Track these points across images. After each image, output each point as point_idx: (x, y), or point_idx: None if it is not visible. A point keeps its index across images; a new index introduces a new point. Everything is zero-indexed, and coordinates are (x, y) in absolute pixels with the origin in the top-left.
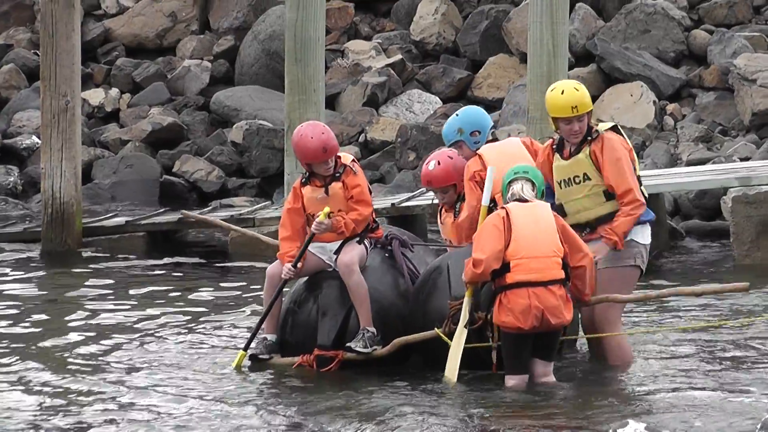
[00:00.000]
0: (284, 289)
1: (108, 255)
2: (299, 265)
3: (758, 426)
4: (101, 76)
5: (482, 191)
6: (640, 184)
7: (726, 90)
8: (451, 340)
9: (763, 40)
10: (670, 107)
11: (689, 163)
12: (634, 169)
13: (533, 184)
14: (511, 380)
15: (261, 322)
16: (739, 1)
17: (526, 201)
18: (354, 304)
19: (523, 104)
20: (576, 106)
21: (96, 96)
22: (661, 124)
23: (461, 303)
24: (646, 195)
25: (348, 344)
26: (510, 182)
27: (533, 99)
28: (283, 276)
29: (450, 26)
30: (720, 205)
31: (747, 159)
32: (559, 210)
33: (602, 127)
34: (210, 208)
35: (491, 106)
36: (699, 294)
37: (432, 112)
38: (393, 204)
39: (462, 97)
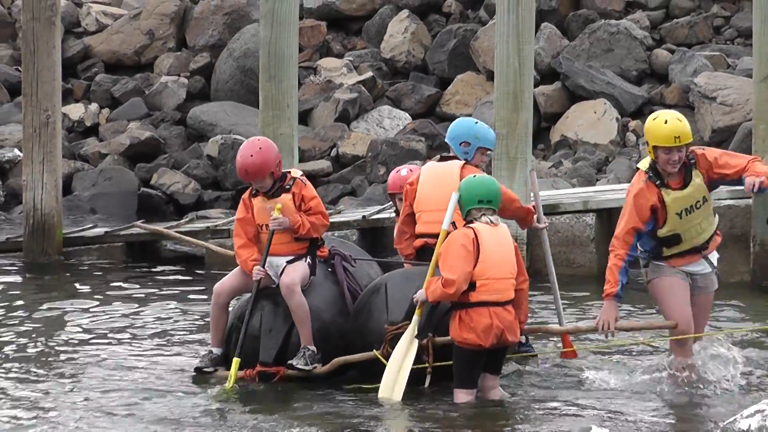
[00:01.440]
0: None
1: (87, 264)
2: (266, 266)
3: (718, 431)
4: (81, 91)
5: (407, 202)
6: None
7: (687, 107)
8: (386, 361)
9: (722, 60)
10: (633, 124)
11: None
12: None
13: (494, 211)
14: (461, 393)
15: (245, 329)
16: (700, 21)
17: (492, 224)
18: (295, 323)
19: (490, 120)
20: (679, 137)
21: (76, 111)
22: (623, 140)
23: (399, 328)
24: None
25: (290, 362)
26: (473, 209)
27: (500, 115)
28: (254, 278)
29: (419, 45)
30: None
31: None
32: (675, 239)
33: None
34: (186, 219)
35: None
36: (627, 330)
37: (402, 127)
38: (364, 216)
39: (431, 113)
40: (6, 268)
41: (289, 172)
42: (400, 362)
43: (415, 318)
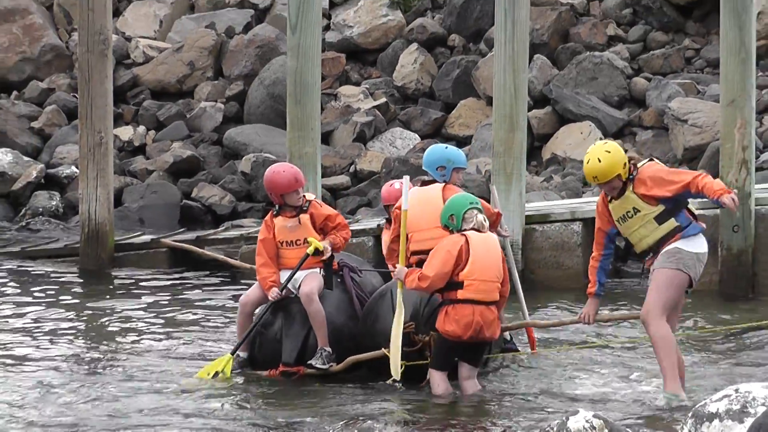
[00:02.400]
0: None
1: (135, 268)
2: (284, 292)
3: (689, 414)
4: (130, 115)
5: (396, 224)
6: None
7: (662, 129)
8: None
9: (693, 87)
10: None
11: None
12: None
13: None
14: (435, 374)
15: (249, 333)
16: (673, 53)
17: (481, 231)
18: (313, 327)
19: (489, 140)
20: (596, 176)
21: (126, 132)
22: None
23: (405, 327)
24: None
25: (309, 362)
26: (466, 212)
27: (498, 136)
28: (270, 298)
29: (427, 74)
30: None
31: None
32: (628, 242)
33: (640, 163)
34: (223, 227)
35: (462, 142)
36: (605, 321)
37: (412, 146)
38: (378, 225)
39: (437, 134)
40: (64, 271)
41: (304, 196)
42: (397, 333)
43: (399, 291)
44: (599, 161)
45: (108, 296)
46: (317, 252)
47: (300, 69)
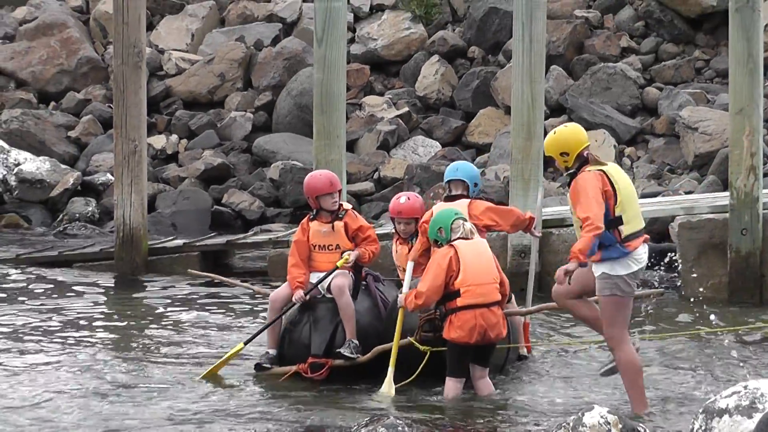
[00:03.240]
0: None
1: (169, 271)
2: (308, 296)
3: (700, 410)
4: (163, 124)
5: (424, 238)
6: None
7: (673, 136)
8: (422, 347)
9: (703, 96)
10: (628, 150)
11: (643, 196)
12: (618, 202)
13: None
14: (450, 381)
15: (263, 329)
16: (684, 63)
17: (469, 238)
18: (342, 319)
19: (508, 148)
20: (544, 149)
21: (159, 141)
22: (620, 163)
23: (430, 315)
24: (634, 230)
25: (338, 350)
26: (453, 222)
27: (516, 144)
28: (294, 300)
29: (448, 84)
30: (668, 230)
31: (690, 192)
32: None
33: (593, 167)
34: (252, 232)
35: (481, 149)
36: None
37: (433, 154)
38: None
39: (458, 142)
40: (101, 274)
41: (342, 204)
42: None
43: (399, 318)
44: (553, 133)
45: (142, 298)
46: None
47: (326, 80)
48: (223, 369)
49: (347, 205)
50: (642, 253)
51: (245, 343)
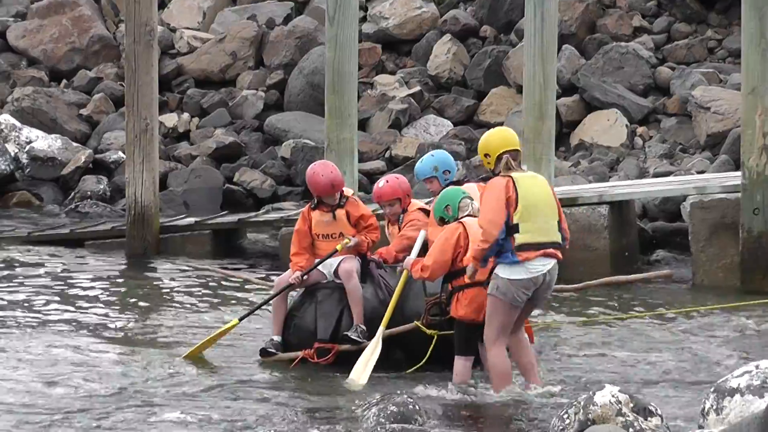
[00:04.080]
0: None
1: (180, 249)
2: (306, 277)
3: (711, 389)
4: (175, 103)
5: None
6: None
7: (685, 116)
8: (429, 331)
9: (715, 76)
10: (640, 130)
11: (655, 175)
12: (518, 210)
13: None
14: (460, 360)
15: (262, 304)
16: (696, 43)
17: (476, 216)
18: (350, 304)
19: (519, 127)
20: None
21: (171, 119)
22: (632, 143)
23: (437, 298)
24: (530, 242)
25: (345, 333)
26: (461, 201)
27: (528, 123)
28: (290, 281)
29: (459, 63)
30: (680, 210)
31: (702, 172)
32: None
33: (505, 173)
34: (263, 210)
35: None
36: (632, 282)
37: (445, 133)
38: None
39: (470, 121)
40: (112, 251)
41: (343, 191)
42: (372, 350)
43: (402, 280)
44: (487, 134)
45: (152, 276)
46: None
47: (338, 59)
48: (227, 352)
49: (348, 191)
50: (538, 265)
51: (240, 320)
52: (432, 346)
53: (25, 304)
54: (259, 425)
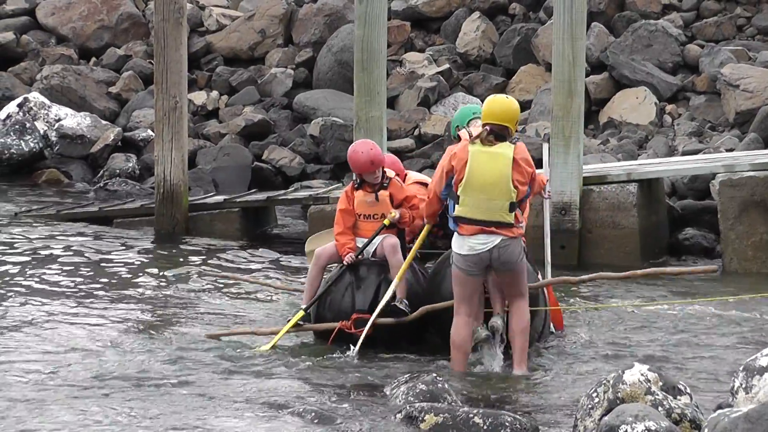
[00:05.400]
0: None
1: (209, 227)
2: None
3: (741, 368)
4: (204, 81)
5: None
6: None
7: (714, 94)
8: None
9: (744, 53)
10: (669, 108)
11: (684, 153)
12: (462, 182)
13: None
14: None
15: (323, 294)
16: (725, 21)
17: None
18: (394, 277)
19: (548, 105)
20: None
21: (199, 97)
22: (661, 121)
23: None
24: (465, 215)
25: (393, 303)
26: (470, 120)
27: (557, 101)
28: (345, 262)
29: (488, 41)
30: (709, 188)
31: (731, 150)
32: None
33: (476, 143)
34: (292, 188)
35: (522, 106)
36: (676, 274)
37: None
38: None
39: None
40: (141, 229)
41: (386, 172)
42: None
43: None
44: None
45: (181, 254)
46: (392, 225)
47: (367, 37)
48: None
49: (390, 173)
50: (478, 243)
51: (305, 310)
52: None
53: (52, 280)
54: (290, 402)
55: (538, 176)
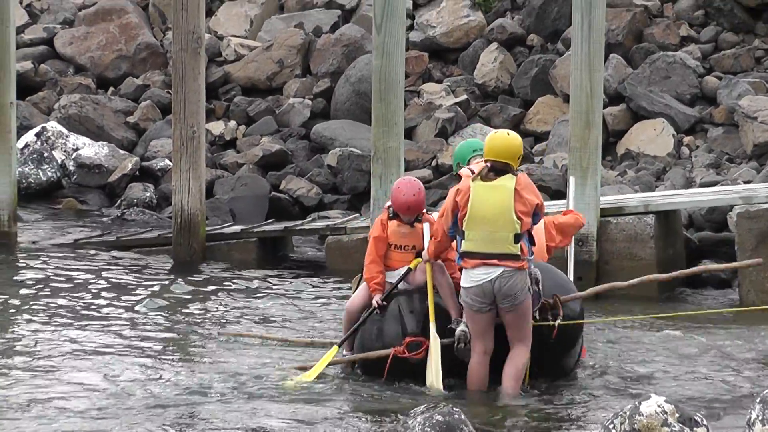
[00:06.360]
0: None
1: (226, 257)
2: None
3: (758, 399)
4: (222, 111)
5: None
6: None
7: (732, 125)
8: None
9: (762, 85)
10: (686, 139)
11: (702, 185)
12: (466, 217)
13: None
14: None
15: (353, 331)
16: (744, 53)
17: None
18: (444, 298)
19: (566, 136)
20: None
21: (217, 127)
22: (678, 153)
23: (544, 303)
24: (470, 250)
25: (450, 326)
26: (470, 158)
27: (574, 132)
28: (374, 303)
29: (506, 72)
30: (726, 220)
31: (749, 182)
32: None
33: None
34: (310, 219)
35: (540, 137)
36: (722, 270)
37: None
38: None
39: (516, 129)
40: (158, 260)
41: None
42: (434, 350)
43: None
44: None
45: (199, 284)
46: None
47: (385, 67)
48: (274, 355)
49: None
50: (480, 274)
51: (339, 345)
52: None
53: (74, 306)
54: (300, 429)
55: (576, 219)
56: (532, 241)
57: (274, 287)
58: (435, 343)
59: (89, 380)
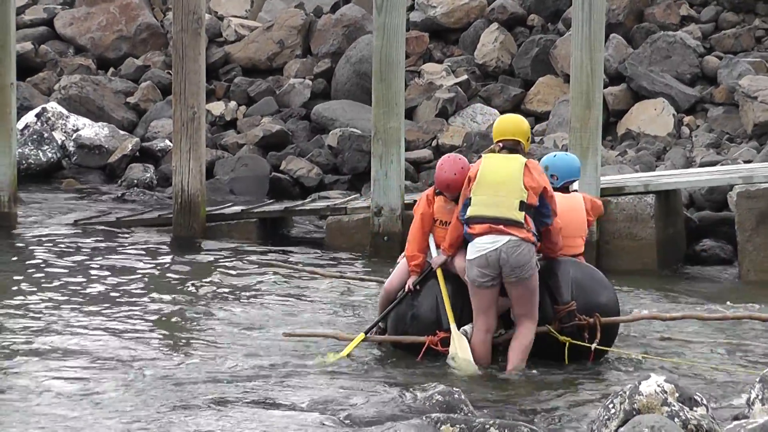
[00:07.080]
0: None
1: (226, 238)
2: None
3: (757, 379)
4: (222, 91)
5: None
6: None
7: (732, 105)
8: (561, 336)
9: (763, 65)
10: (687, 119)
11: (702, 165)
12: (474, 184)
13: None
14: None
15: (385, 314)
16: (744, 32)
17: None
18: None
19: (566, 116)
20: None
21: (218, 108)
22: (679, 133)
23: (568, 306)
24: (474, 214)
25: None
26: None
27: (575, 112)
28: (408, 285)
29: (507, 52)
30: (727, 199)
31: (749, 161)
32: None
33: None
34: (310, 199)
35: (540, 117)
36: (740, 318)
37: (492, 122)
38: None
39: (516, 110)
40: (158, 240)
41: None
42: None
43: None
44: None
45: (199, 264)
46: None
47: (385, 48)
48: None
49: None
50: (486, 243)
51: (366, 333)
52: (566, 353)
53: (74, 286)
54: (308, 409)
55: (595, 202)
56: (539, 232)
57: (275, 267)
58: (459, 337)
59: (93, 359)
